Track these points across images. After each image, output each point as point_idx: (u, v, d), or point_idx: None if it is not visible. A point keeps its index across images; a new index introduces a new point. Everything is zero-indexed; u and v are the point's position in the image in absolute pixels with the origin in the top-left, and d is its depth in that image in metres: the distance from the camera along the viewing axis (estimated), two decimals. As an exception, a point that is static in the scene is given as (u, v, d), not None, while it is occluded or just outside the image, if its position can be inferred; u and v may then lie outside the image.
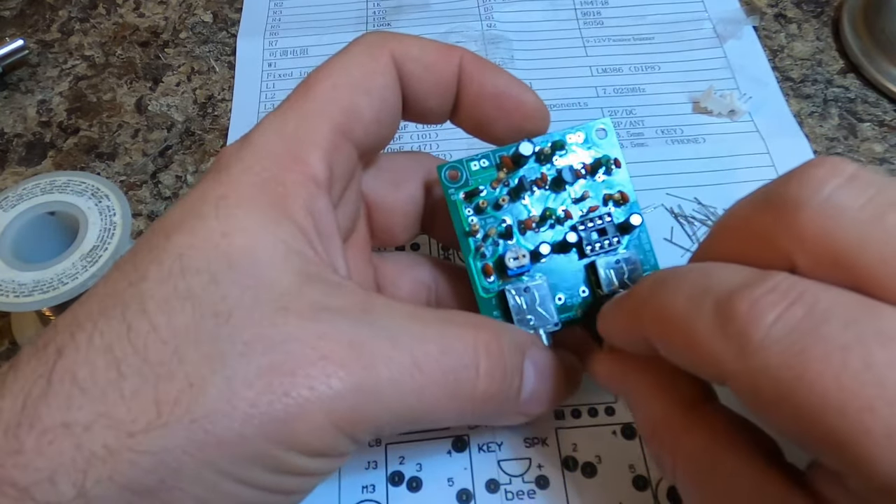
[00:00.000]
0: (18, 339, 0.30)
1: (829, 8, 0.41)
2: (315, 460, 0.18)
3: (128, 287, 0.17)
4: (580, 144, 0.24)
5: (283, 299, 0.18)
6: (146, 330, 0.17)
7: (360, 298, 0.19)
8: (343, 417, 0.17)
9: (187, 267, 0.17)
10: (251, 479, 0.17)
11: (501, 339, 0.21)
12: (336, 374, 0.17)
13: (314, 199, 0.20)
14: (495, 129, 0.24)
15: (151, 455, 0.16)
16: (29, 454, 0.15)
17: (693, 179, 0.34)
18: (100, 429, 0.16)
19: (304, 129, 0.20)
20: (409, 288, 0.26)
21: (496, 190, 0.24)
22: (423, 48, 0.23)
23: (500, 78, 0.23)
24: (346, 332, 0.18)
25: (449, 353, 0.19)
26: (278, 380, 0.17)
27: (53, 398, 0.16)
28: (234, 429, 0.16)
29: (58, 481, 0.15)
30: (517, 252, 0.23)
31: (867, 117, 0.36)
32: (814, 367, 0.14)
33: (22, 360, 0.17)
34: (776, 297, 0.15)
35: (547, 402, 0.23)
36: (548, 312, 0.24)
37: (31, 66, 0.41)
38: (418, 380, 0.18)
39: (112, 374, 0.16)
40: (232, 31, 0.42)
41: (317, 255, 0.19)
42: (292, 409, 0.17)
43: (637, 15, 0.41)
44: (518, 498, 0.25)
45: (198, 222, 0.18)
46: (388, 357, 0.18)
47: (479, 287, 0.24)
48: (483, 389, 0.20)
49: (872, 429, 0.14)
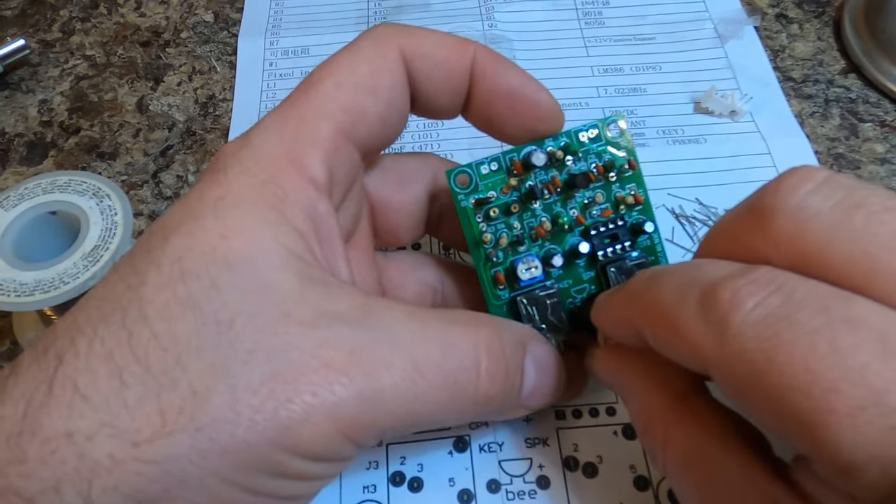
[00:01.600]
0: (19, 339, 0.30)
1: (831, 8, 0.41)
2: (319, 465, 0.18)
3: (127, 291, 0.17)
4: (592, 143, 0.23)
5: (284, 305, 0.17)
6: (147, 337, 0.16)
7: (360, 302, 0.19)
8: (346, 423, 0.17)
9: (187, 271, 0.17)
10: (256, 486, 0.17)
11: (502, 337, 0.20)
12: (339, 381, 0.17)
13: (313, 202, 0.19)
14: (507, 128, 0.23)
15: (156, 465, 0.16)
16: (32, 463, 0.15)
17: (694, 180, 0.34)
18: (103, 438, 0.15)
19: (304, 131, 0.20)
20: (414, 290, 0.25)
21: (507, 195, 0.23)
22: (435, 43, 0.22)
23: (515, 76, 0.22)
24: (347, 339, 0.18)
25: (450, 354, 0.19)
26: (282, 387, 0.17)
27: (55, 406, 0.16)
28: (239, 436, 0.16)
29: (63, 491, 0.15)
30: (529, 263, 0.23)
31: (868, 117, 0.36)
32: (784, 350, 0.15)
33: (22, 365, 0.17)
34: (756, 287, 0.16)
35: (548, 396, 0.23)
36: (559, 321, 0.23)
37: (33, 66, 0.41)
38: (420, 384, 0.18)
39: (114, 383, 0.16)
40: (233, 30, 0.42)
41: (316, 259, 0.19)
42: (297, 415, 0.16)
43: (638, 15, 0.41)
44: (519, 498, 0.25)
45: (195, 224, 0.18)
46: (389, 363, 0.18)
47: (490, 296, 0.23)
48: (485, 390, 0.20)
49: (836, 408, 0.14)
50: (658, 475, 0.25)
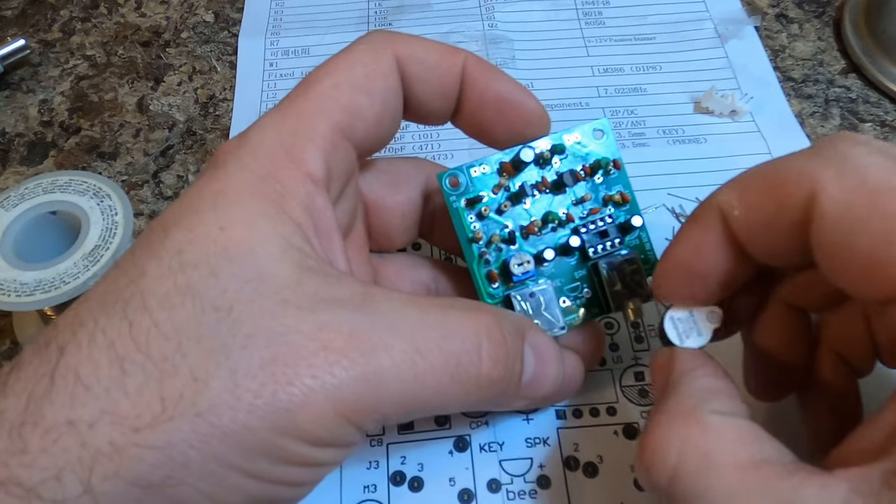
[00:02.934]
0: (20, 339, 0.30)
1: (831, 8, 0.41)
2: (322, 450, 0.18)
3: (128, 284, 0.17)
4: (579, 146, 0.25)
5: (283, 292, 0.18)
6: (147, 326, 0.17)
7: (359, 289, 0.19)
8: (347, 406, 0.17)
9: (186, 261, 0.17)
10: (258, 471, 0.17)
11: (502, 323, 0.21)
12: (339, 363, 0.17)
13: (311, 196, 0.20)
14: (496, 133, 0.24)
15: (157, 450, 0.16)
16: (34, 453, 0.15)
17: (694, 180, 0.34)
18: (105, 426, 0.16)
19: (302, 127, 0.20)
20: (408, 289, 0.26)
21: (497, 195, 0.24)
22: (428, 50, 0.23)
23: (503, 83, 0.23)
24: (346, 323, 0.18)
25: (450, 337, 0.19)
26: (281, 370, 0.17)
27: (57, 396, 0.16)
28: (240, 420, 0.16)
29: (64, 479, 0.15)
30: (522, 258, 0.23)
31: (868, 117, 0.36)
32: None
33: (24, 360, 0.17)
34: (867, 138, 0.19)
35: (548, 387, 0.23)
36: (553, 316, 0.24)
37: (33, 66, 0.41)
38: (420, 365, 0.18)
39: (115, 372, 0.16)
40: (233, 30, 0.42)
41: (314, 250, 0.19)
42: (297, 399, 0.17)
43: (638, 15, 0.41)
44: (519, 498, 0.25)
45: (195, 217, 0.18)
46: (388, 345, 0.18)
47: (483, 293, 0.24)
48: (487, 373, 0.20)
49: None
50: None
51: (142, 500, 0.16)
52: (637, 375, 0.28)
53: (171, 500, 0.16)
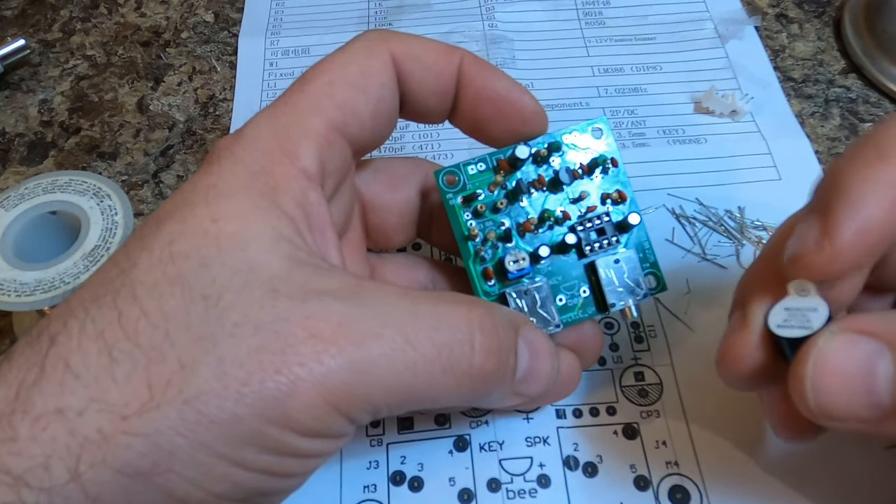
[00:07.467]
0: (20, 339, 0.30)
1: (831, 8, 0.41)
2: (311, 441, 0.18)
3: (119, 274, 0.18)
4: (576, 145, 0.24)
5: (273, 282, 0.18)
6: (136, 315, 0.17)
7: (350, 281, 0.19)
8: (336, 395, 0.17)
9: (176, 252, 0.18)
10: (246, 460, 0.17)
11: (495, 316, 0.21)
12: (327, 351, 0.17)
13: (304, 191, 0.20)
14: (493, 131, 0.24)
15: (144, 437, 0.16)
16: (23, 441, 0.15)
17: (694, 180, 0.34)
18: (93, 413, 0.16)
19: (296, 124, 0.20)
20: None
21: (494, 193, 0.24)
22: (424, 48, 0.23)
23: (500, 81, 0.23)
24: (335, 312, 0.18)
25: (442, 328, 0.19)
26: (269, 358, 0.17)
27: (46, 384, 0.16)
28: (227, 408, 0.16)
29: (52, 466, 0.15)
30: (517, 255, 0.23)
31: (869, 117, 0.36)
32: None
33: (16, 351, 0.17)
34: None
35: (543, 383, 0.23)
36: (549, 314, 0.24)
37: (33, 66, 0.41)
38: (411, 355, 0.18)
39: (104, 360, 0.16)
40: (233, 30, 0.42)
41: (306, 244, 0.19)
42: (284, 387, 0.17)
43: (639, 15, 0.41)
44: (519, 497, 0.25)
45: (188, 210, 0.18)
46: (378, 334, 0.18)
47: (479, 291, 0.24)
48: (479, 364, 0.20)
49: None
50: (658, 475, 0.25)
51: (128, 487, 0.16)
52: (637, 375, 0.28)
53: (157, 487, 0.16)
